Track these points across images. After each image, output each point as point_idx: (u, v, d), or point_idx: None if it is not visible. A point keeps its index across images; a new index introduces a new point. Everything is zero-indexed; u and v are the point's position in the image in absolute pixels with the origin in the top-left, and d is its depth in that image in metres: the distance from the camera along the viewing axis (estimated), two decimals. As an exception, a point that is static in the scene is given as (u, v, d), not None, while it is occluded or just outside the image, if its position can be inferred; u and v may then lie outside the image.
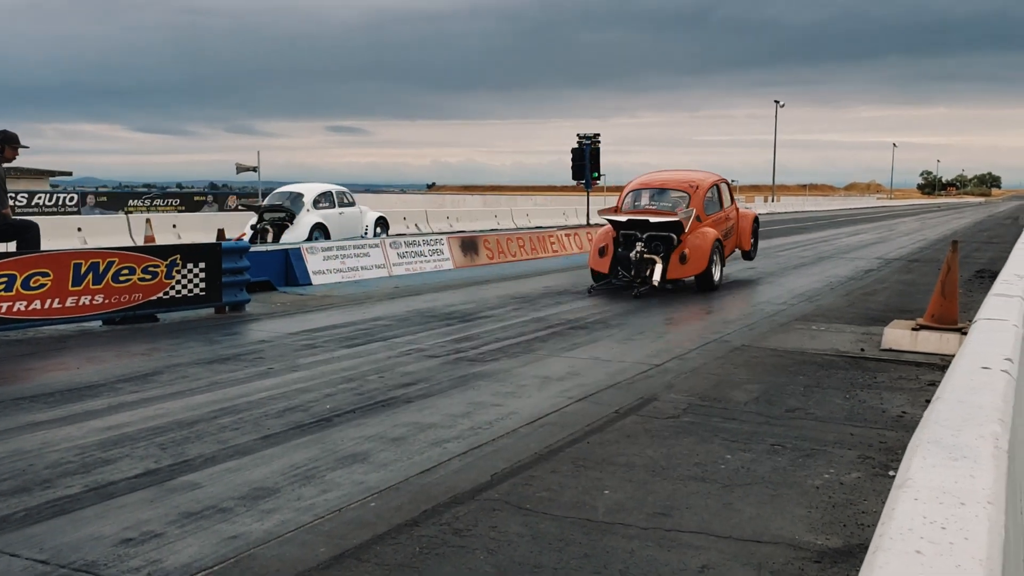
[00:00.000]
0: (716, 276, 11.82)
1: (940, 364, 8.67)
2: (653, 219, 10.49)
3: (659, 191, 11.58)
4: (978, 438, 1.94)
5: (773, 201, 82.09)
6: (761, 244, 25.66)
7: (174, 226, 24.69)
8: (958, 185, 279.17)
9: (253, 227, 16.70)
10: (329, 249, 16.05)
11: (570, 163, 24.61)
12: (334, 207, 17.87)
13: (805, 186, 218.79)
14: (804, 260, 21.52)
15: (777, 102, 79.29)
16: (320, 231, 16.98)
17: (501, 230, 35.26)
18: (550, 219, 41.30)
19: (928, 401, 7.05)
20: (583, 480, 5.02)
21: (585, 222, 28.43)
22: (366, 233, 17.77)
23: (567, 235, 23.02)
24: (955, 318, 9.45)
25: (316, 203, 17.32)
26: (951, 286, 9.42)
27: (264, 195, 26.76)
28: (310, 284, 15.22)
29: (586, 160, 24.16)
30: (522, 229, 36.05)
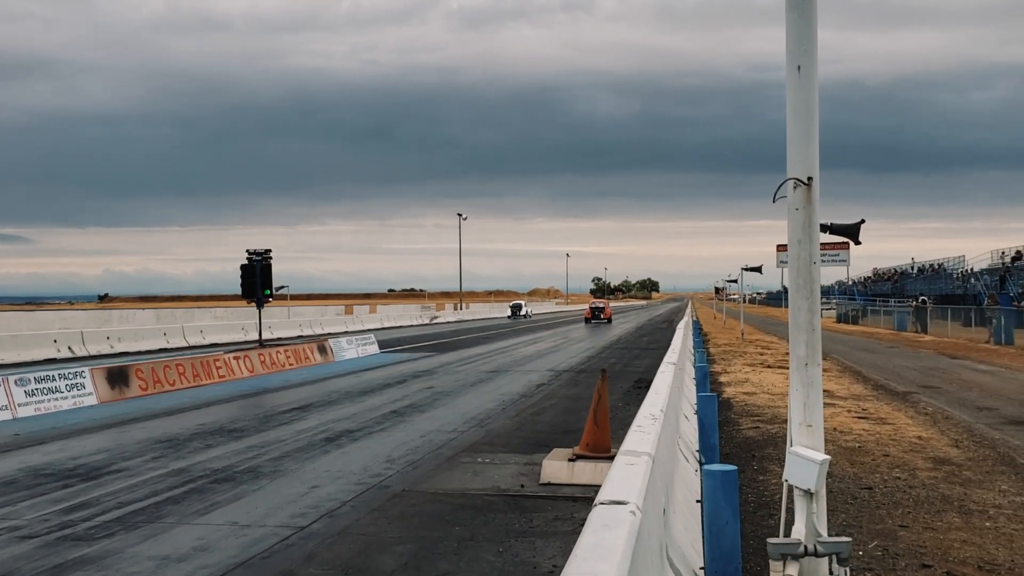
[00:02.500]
0: (611, 320, 60.20)
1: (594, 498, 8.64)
2: (600, 306, 64.29)
3: (599, 302, 68.60)
4: None
5: (462, 308, 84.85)
6: (442, 358, 27.86)
7: None
8: (624, 290, 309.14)
9: (511, 312, 70.55)
10: (-70, 391, 13.47)
11: (240, 280, 23.27)
12: (525, 307, 77.04)
13: (491, 292, 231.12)
14: (482, 375, 21.88)
15: (460, 215, 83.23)
16: (526, 314, 71.22)
17: (171, 349, 32.58)
18: (228, 335, 38.97)
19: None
20: None
21: (258, 340, 26.68)
22: (528, 316, 70.12)
23: (236, 357, 21.50)
24: (608, 446, 9.58)
25: (524, 306, 76.06)
26: (603, 415, 9.58)
27: None
28: (-101, 437, 12.56)
29: (257, 277, 22.96)
30: (196, 348, 33.53)
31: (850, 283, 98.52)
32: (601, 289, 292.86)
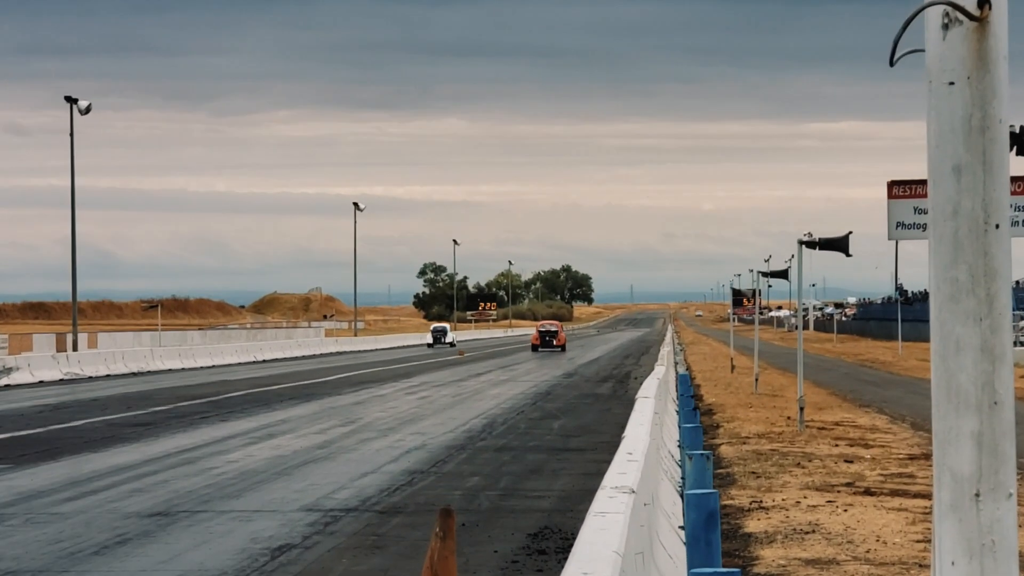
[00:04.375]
0: (565, 347, 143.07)
1: None
2: (551, 329, 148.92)
3: (550, 325, 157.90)
4: None
5: (73, 349, 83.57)
6: (27, 480, 28.67)
7: None
8: (503, 297, 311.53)
9: (433, 339, 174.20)
10: None
11: None
12: (450, 333, 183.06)
13: (153, 304, 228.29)
14: (127, 524, 21.86)
15: (73, 102, 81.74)
16: (452, 343, 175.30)
17: None
18: None
19: None
20: None
21: None
22: (454, 344, 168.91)
23: None
24: None
25: (449, 331, 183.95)
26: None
27: None
28: None
29: None
30: None
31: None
32: (445, 294, 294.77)
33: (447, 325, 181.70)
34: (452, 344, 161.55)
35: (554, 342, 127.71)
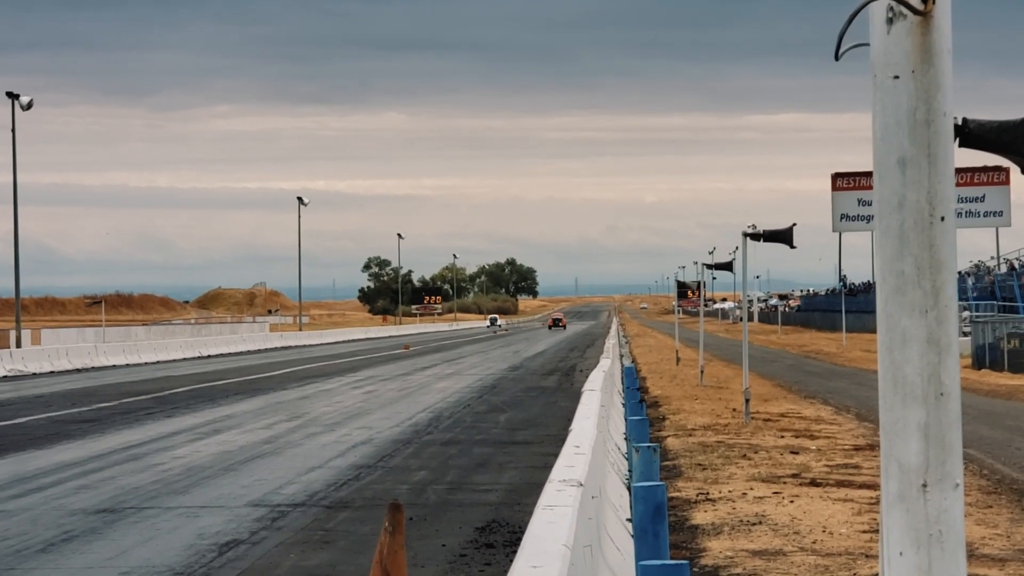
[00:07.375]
0: (566, 326, 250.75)
1: None
2: (558, 316, 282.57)
3: (557, 314, 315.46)
4: None
5: (16, 349, 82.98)
6: None
7: None
8: (448, 290, 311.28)
9: (490, 323, 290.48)
10: None
11: None
12: (501, 320, 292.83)
13: (97, 300, 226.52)
14: (73, 521, 21.65)
15: (15, 97, 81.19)
16: (501, 325, 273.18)
17: None
18: None
19: None
20: None
21: None
22: (502, 327, 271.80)
23: None
24: None
25: (499, 318, 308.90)
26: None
27: None
28: None
29: None
30: None
31: (1001, 269, 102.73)
32: (388, 288, 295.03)
33: (497, 315, 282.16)
34: (501, 326, 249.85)
35: (560, 323, 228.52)
